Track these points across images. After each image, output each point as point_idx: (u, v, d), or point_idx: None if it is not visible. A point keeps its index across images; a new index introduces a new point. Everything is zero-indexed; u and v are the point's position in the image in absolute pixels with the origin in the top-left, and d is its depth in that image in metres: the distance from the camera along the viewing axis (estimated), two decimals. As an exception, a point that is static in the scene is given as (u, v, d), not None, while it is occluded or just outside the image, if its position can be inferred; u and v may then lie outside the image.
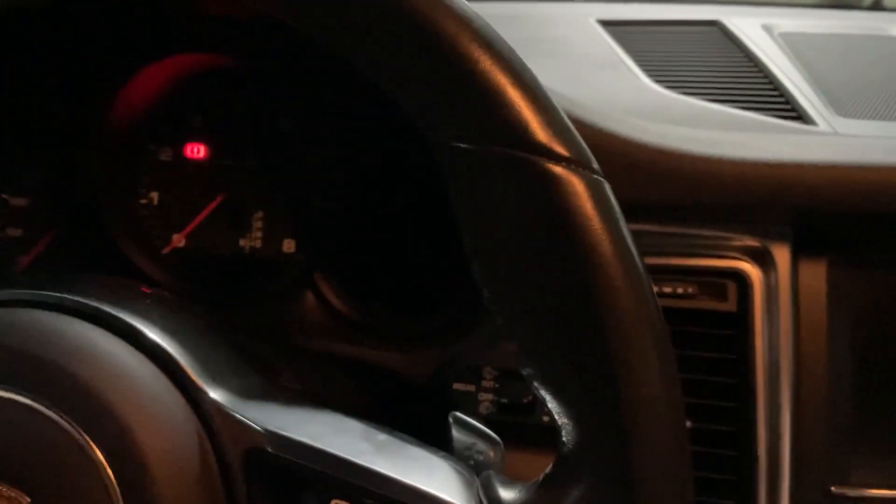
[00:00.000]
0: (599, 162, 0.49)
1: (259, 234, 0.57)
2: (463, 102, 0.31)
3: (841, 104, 0.61)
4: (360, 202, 0.56)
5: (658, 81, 0.64)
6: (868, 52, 0.71)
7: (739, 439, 0.50)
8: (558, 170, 0.30)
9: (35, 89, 0.52)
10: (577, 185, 0.30)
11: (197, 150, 0.58)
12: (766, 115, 0.59)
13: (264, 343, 0.52)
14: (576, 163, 0.31)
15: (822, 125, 0.57)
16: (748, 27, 0.75)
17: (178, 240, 0.58)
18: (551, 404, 0.32)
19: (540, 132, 0.31)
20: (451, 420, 0.36)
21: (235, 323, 0.55)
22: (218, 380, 0.34)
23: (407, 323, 0.55)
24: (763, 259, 0.50)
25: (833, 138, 0.54)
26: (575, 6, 0.87)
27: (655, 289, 0.51)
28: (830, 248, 0.50)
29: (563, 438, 0.32)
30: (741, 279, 0.50)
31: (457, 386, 0.50)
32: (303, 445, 0.32)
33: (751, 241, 0.50)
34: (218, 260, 0.58)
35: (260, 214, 0.57)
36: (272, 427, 0.33)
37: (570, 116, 0.47)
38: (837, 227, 0.50)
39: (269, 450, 0.32)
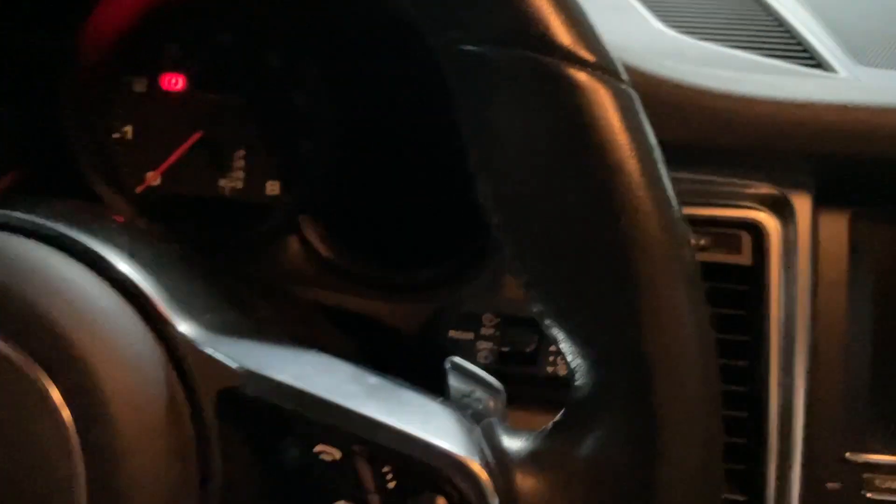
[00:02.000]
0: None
1: (240, 174, 0.53)
2: (476, 4, 0.27)
3: (861, 53, 0.57)
4: (350, 143, 0.52)
5: (671, 25, 0.60)
6: (885, 1, 0.68)
7: (751, 401, 0.47)
8: (582, 76, 0.27)
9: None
10: (602, 94, 0.27)
11: (174, 82, 0.53)
12: (786, 62, 0.55)
13: (246, 281, 0.48)
14: (602, 69, 0.27)
15: (842, 73, 0.54)
16: (761, -25, 0.71)
17: (153, 178, 0.54)
18: (565, 344, 0.28)
19: (561, 33, 0.27)
20: (447, 366, 0.33)
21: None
22: (190, 313, 0.30)
23: (398, 272, 0.51)
24: (782, 209, 0.47)
25: (856, 83, 0.50)
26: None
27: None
28: (854, 201, 0.47)
29: (577, 382, 0.28)
30: (757, 231, 0.47)
31: (453, 334, 0.46)
32: (284, 386, 0.29)
33: (769, 190, 0.47)
34: (196, 201, 0.54)
35: (242, 153, 0.53)
36: (250, 365, 0.29)
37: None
38: (861, 178, 0.46)
39: (246, 390, 0.29)
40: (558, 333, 0.28)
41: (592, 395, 0.28)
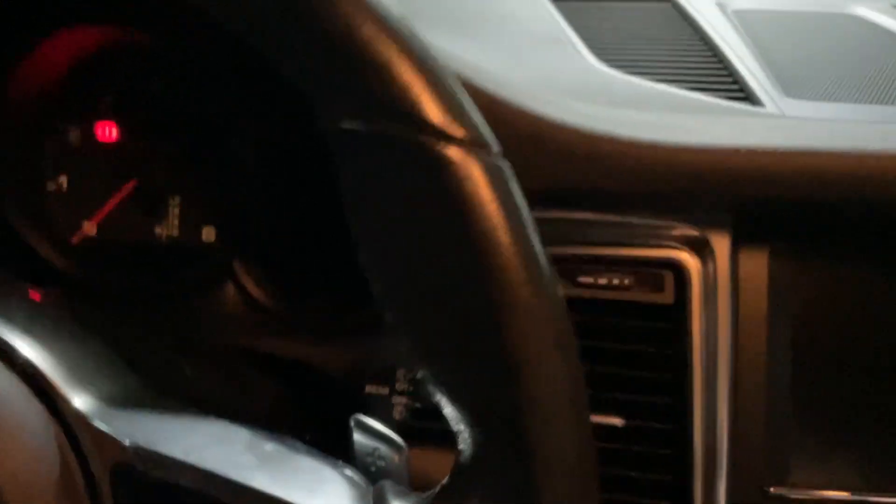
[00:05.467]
0: (525, 146, 0.46)
1: (176, 221, 0.54)
2: (346, 79, 0.28)
3: (790, 84, 0.58)
4: (283, 187, 0.53)
5: (603, 60, 0.61)
6: (822, 31, 0.69)
7: (675, 438, 0.47)
8: (451, 152, 0.27)
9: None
10: (472, 168, 0.28)
11: (108, 132, 0.54)
12: (714, 95, 0.56)
13: (165, 336, 0.49)
14: (472, 144, 0.28)
15: (769, 106, 0.55)
16: (702, 4, 0.72)
17: (88, 228, 0.54)
18: (447, 409, 0.29)
19: (431, 110, 0.28)
20: (351, 423, 0.33)
21: (150, 317, 0.52)
22: (85, 385, 0.31)
23: (331, 316, 0.52)
24: (701, 249, 0.47)
25: (777, 121, 0.51)
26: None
27: (590, 280, 0.49)
28: (772, 238, 0.48)
29: (460, 446, 0.29)
30: (678, 270, 0.48)
31: (369, 388, 0.47)
32: (172, 461, 0.29)
33: (689, 230, 0.47)
34: (132, 249, 0.54)
35: (177, 200, 0.54)
36: (141, 440, 0.30)
37: (491, 96, 0.45)
38: (778, 216, 0.47)
39: (137, 466, 0.29)
40: (439, 398, 0.29)
41: (472, 458, 0.29)
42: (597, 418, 0.48)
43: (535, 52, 0.61)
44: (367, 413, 0.42)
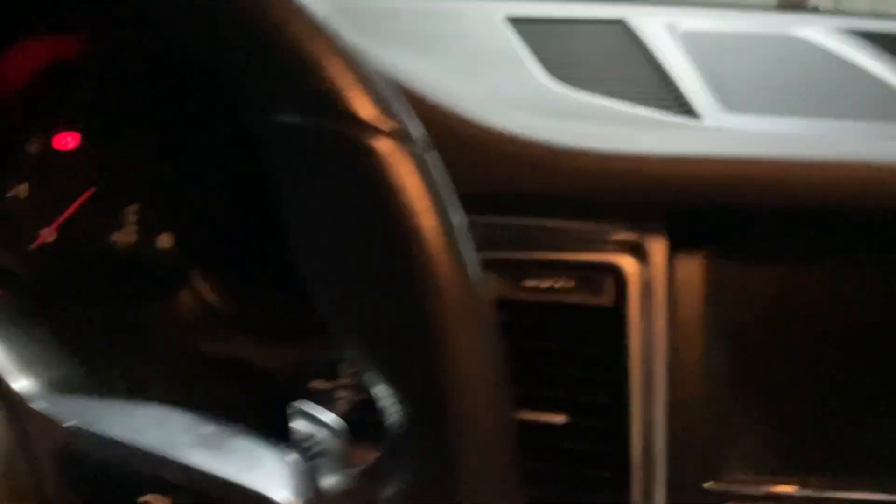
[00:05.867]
0: (470, 153, 0.48)
1: (134, 228, 0.55)
2: (282, 74, 0.29)
3: (731, 100, 0.61)
4: (235, 191, 0.54)
5: (554, 77, 0.64)
6: (766, 51, 0.72)
7: (614, 435, 0.49)
8: (380, 143, 0.29)
9: None
10: (399, 158, 0.30)
11: (68, 140, 0.55)
12: (656, 109, 0.59)
13: (120, 341, 0.50)
14: (399, 136, 0.30)
15: (707, 120, 0.57)
16: (652, 26, 0.75)
17: (47, 235, 0.55)
18: (376, 389, 0.31)
19: (361, 104, 0.30)
20: (288, 411, 0.35)
21: (104, 320, 0.53)
22: (29, 370, 0.32)
23: (281, 317, 0.53)
24: (639, 253, 0.50)
25: (710, 132, 0.53)
26: (489, 3, 0.86)
27: (534, 283, 0.51)
28: (707, 243, 0.50)
29: (388, 421, 0.31)
30: (618, 274, 0.50)
31: (314, 384, 0.48)
32: (111, 441, 0.31)
33: (627, 235, 0.49)
34: (90, 256, 0.56)
35: (135, 207, 0.55)
36: (82, 422, 0.31)
37: (438, 106, 0.47)
38: (711, 222, 0.49)
39: (78, 447, 0.31)
40: (372, 377, 0.30)
41: (400, 433, 0.30)
42: (540, 416, 0.49)
43: (488, 69, 0.64)
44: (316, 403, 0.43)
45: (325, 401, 0.47)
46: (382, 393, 0.30)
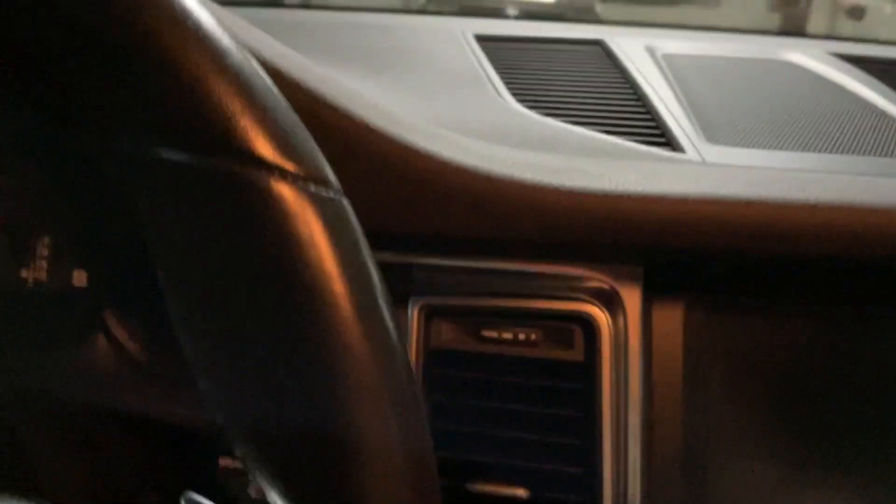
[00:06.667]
0: (420, 187, 0.42)
1: (44, 263, 0.49)
2: (161, 102, 0.23)
3: (714, 130, 0.56)
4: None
5: (522, 101, 0.58)
6: (753, 77, 0.67)
7: (583, 509, 0.43)
8: (280, 186, 0.23)
9: None
10: (303, 205, 0.24)
11: (-27, 166, 0.49)
12: (633, 139, 0.53)
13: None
14: (305, 179, 0.24)
15: (689, 152, 0.52)
16: (631, 48, 0.70)
17: (-53, 271, 0.49)
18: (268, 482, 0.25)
19: (258, 140, 0.24)
20: (181, 500, 0.29)
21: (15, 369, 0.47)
22: None
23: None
24: (612, 302, 0.44)
25: (693, 167, 0.48)
26: (456, 20, 0.81)
27: (494, 334, 0.45)
28: (686, 291, 0.44)
29: None
30: (588, 325, 0.44)
31: (223, 462, 0.42)
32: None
33: (598, 282, 0.44)
34: (-3, 294, 0.49)
35: (46, 241, 0.49)
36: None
37: (383, 134, 0.41)
38: (692, 268, 0.44)
39: None
40: (262, 480, 0.24)
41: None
42: (498, 489, 0.43)
43: (450, 91, 0.58)
44: (224, 484, 0.37)
45: (237, 481, 0.41)
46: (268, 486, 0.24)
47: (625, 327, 0.43)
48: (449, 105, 0.55)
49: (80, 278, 0.49)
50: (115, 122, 0.24)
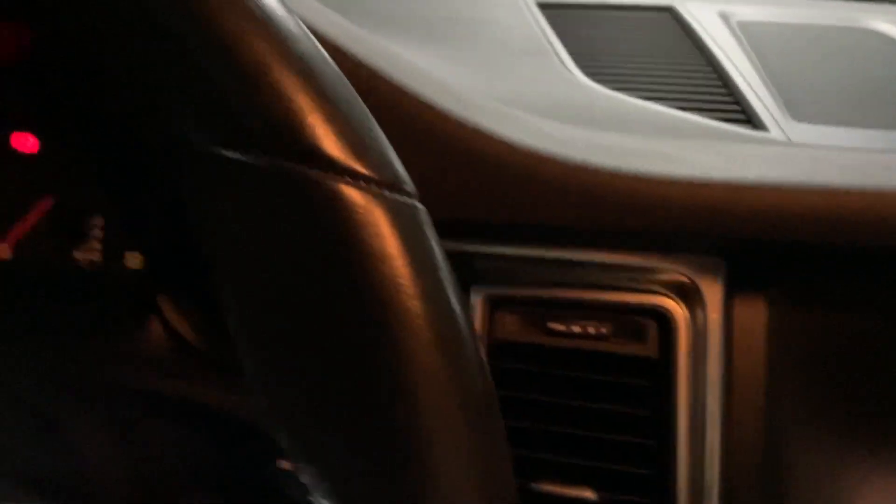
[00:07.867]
0: (490, 174, 0.40)
1: (98, 244, 0.47)
2: (220, 94, 0.21)
3: (798, 106, 0.52)
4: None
5: (588, 73, 0.55)
6: (836, 47, 0.62)
7: (655, 515, 0.41)
8: (350, 190, 0.21)
9: None
10: (376, 211, 0.21)
11: (26, 142, 0.48)
12: (710, 116, 0.50)
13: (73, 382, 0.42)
14: (378, 183, 0.22)
15: (773, 131, 0.48)
16: (704, 14, 0.66)
17: (2, 251, 0.48)
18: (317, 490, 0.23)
19: (332, 142, 0.22)
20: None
21: (57, 356, 0.46)
22: None
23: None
24: (690, 296, 0.41)
25: (780, 149, 0.44)
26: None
27: (562, 327, 0.42)
28: (771, 285, 0.41)
29: None
30: (663, 319, 0.41)
31: (282, 463, 0.40)
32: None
33: (676, 275, 0.41)
34: (50, 276, 0.48)
35: (99, 221, 0.47)
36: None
37: (452, 118, 0.38)
38: (778, 261, 0.41)
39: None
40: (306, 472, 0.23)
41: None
42: (565, 489, 0.41)
43: (513, 64, 0.55)
44: (283, 489, 0.35)
45: (294, 484, 0.39)
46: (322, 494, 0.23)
47: (704, 323, 0.41)
48: (511, 78, 0.52)
49: (134, 260, 0.47)
50: (170, 113, 0.22)
